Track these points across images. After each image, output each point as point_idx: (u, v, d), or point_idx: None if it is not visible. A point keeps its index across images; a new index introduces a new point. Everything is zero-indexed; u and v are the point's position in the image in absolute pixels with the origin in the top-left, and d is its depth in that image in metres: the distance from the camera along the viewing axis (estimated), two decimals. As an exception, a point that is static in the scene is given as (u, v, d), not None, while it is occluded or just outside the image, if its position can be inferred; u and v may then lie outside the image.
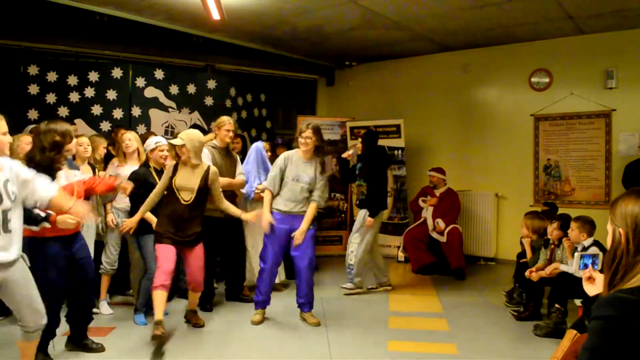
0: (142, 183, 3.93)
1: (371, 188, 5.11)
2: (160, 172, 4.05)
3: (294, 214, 4.07)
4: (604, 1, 4.98)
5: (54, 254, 3.12)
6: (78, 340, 3.45)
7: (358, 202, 5.30)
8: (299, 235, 4.00)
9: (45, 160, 3.06)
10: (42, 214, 2.92)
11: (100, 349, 3.46)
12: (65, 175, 3.26)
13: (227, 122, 4.53)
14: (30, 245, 2.98)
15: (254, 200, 4.85)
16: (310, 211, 4.05)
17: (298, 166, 4.08)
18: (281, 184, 4.10)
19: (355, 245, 5.09)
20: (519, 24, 5.77)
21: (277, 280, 5.07)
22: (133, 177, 3.96)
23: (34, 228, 2.93)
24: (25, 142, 3.83)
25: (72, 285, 3.29)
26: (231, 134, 4.53)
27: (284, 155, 4.19)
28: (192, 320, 4.07)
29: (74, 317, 3.41)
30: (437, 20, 5.68)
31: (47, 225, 2.94)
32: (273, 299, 4.94)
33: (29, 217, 2.83)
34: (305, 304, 4.20)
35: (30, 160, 3.05)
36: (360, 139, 5.41)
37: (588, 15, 5.44)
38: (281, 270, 5.11)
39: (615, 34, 5.95)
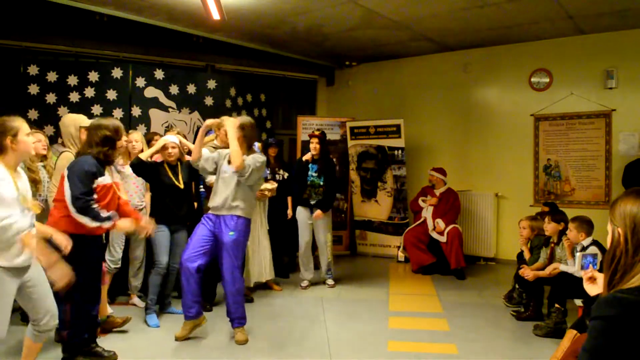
0: (154, 169, 4.08)
1: (329, 187, 5.32)
2: (172, 167, 4.15)
3: (222, 214, 3.70)
4: (604, 1, 4.98)
5: (90, 253, 3.14)
6: (88, 350, 3.33)
7: (315, 202, 5.29)
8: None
9: (97, 154, 3.14)
10: (106, 213, 3.09)
11: (112, 356, 3.34)
12: (111, 173, 3.32)
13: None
14: (75, 244, 2.97)
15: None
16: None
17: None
18: (216, 173, 3.85)
19: (330, 244, 5.36)
20: (519, 24, 5.77)
21: (268, 278, 5.11)
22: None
23: (93, 224, 3.03)
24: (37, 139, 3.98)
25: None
26: None
27: (218, 150, 4.06)
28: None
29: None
30: (437, 20, 5.68)
31: (107, 225, 3.08)
32: (272, 298, 4.97)
33: (94, 213, 3.00)
34: (234, 319, 3.76)
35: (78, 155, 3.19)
36: (317, 139, 5.34)
37: (588, 15, 5.44)
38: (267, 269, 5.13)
39: (615, 34, 5.95)
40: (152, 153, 4.07)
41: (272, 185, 5.07)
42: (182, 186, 4.13)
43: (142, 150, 4.35)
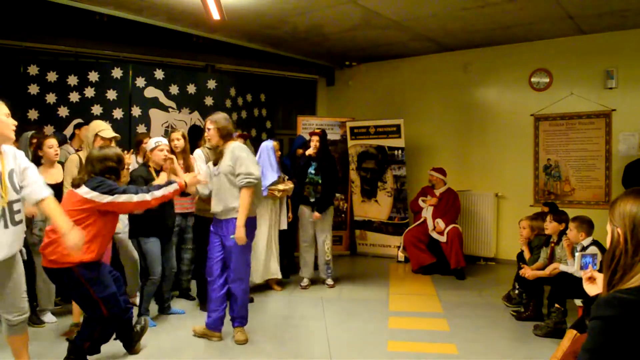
0: (146, 182, 3.88)
1: (326, 187, 5.31)
2: (159, 172, 4.03)
3: (222, 218, 3.67)
4: (604, 1, 4.98)
5: (105, 271, 3.15)
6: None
7: (314, 200, 5.29)
8: (237, 234, 3.51)
9: None
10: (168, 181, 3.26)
11: (144, 326, 3.48)
12: None
13: (207, 122, 4.48)
14: (89, 271, 2.99)
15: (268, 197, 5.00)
16: (243, 200, 3.54)
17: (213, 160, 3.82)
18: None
19: (329, 243, 5.38)
20: (519, 24, 5.77)
21: (260, 280, 5.11)
22: (136, 174, 3.91)
23: (147, 197, 3.09)
24: (48, 145, 4.03)
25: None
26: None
27: (200, 154, 4.21)
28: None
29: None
30: (437, 20, 5.68)
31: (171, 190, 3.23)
32: (272, 298, 4.97)
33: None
34: (236, 318, 3.78)
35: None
36: (317, 137, 5.35)
37: (588, 15, 5.44)
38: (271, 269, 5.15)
39: (615, 34, 5.95)
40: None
41: (284, 186, 5.07)
42: None
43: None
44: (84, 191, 2.96)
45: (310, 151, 5.35)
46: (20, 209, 2.62)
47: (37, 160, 4.09)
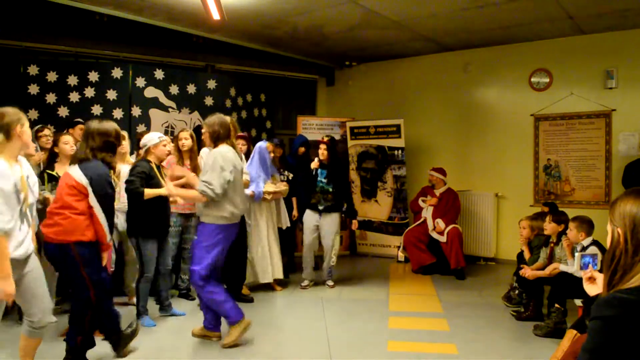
0: (148, 177, 3.89)
1: (340, 192, 5.37)
2: (160, 168, 4.06)
3: (201, 220, 3.69)
4: (604, 1, 4.98)
5: (99, 258, 3.16)
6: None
7: (323, 207, 5.29)
8: (169, 192, 3.71)
9: (101, 160, 3.13)
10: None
11: (136, 328, 3.47)
12: None
13: (203, 125, 4.46)
14: (87, 251, 3.03)
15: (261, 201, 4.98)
16: (193, 193, 3.56)
17: None
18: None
19: (337, 247, 5.35)
20: (519, 24, 5.77)
21: (270, 280, 5.12)
22: (139, 170, 3.87)
23: (107, 235, 3.10)
24: (64, 141, 4.12)
25: None
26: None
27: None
28: None
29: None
30: (437, 20, 5.68)
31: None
32: (272, 298, 4.97)
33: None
34: (228, 322, 3.65)
35: (82, 161, 3.11)
36: (325, 146, 5.37)
37: (588, 15, 5.44)
38: (271, 269, 5.14)
39: (615, 34, 5.95)
40: (154, 195, 3.87)
41: (275, 188, 5.02)
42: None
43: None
44: (78, 175, 3.01)
45: (314, 164, 5.33)
46: (33, 212, 2.76)
47: (53, 157, 4.16)
